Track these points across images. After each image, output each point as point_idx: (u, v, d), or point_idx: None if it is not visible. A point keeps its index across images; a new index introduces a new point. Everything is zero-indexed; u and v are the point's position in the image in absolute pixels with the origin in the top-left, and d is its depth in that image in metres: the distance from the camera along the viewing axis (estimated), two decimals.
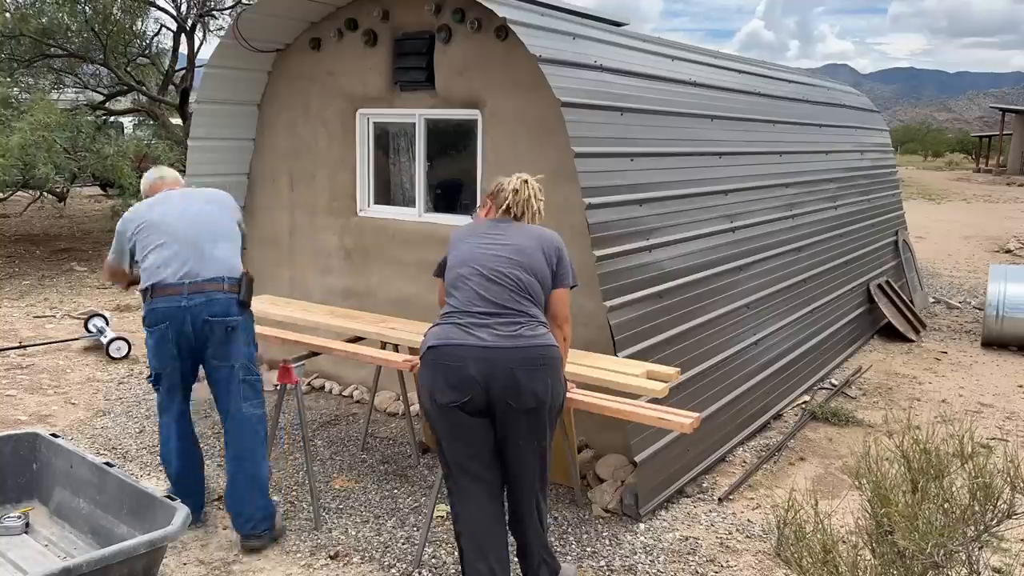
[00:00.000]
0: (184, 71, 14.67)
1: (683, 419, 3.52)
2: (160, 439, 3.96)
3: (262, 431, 3.90)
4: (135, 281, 4.01)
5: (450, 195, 5.65)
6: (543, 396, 3.13)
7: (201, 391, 4.20)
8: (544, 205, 3.54)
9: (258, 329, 4.70)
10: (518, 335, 3.13)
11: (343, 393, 6.07)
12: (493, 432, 3.19)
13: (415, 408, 5.26)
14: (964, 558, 2.42)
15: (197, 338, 3.71)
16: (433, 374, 3.15)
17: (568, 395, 3.52)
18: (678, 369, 4.16)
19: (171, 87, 14.95)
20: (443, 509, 4.29)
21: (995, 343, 7.95)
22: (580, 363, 4.02)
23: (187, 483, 3.96)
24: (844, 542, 2.61)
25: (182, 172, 4.94)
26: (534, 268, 3.28)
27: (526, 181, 3.48)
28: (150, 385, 3.90)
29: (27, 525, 3.63)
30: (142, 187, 4.28)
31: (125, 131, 16.20)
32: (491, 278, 3.23)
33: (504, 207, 3.44)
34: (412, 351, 4.69)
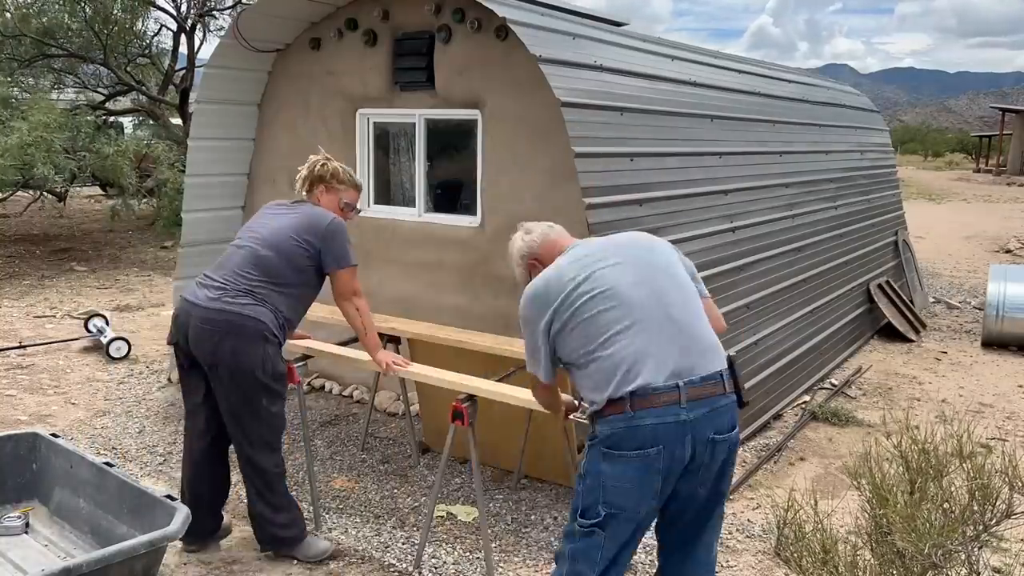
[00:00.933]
0: (184, 71, 14.68)
1: None
2: None
3: None
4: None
5: (450, 195, 5.65)
6: (220, 358, 3.49)
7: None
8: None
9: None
10: (218, 299, 3.51)
11: (343, 393, 6.07)
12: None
13: (415, 408, 5.27)
14: (963, 558, 2.43)
15: (691, 465, 2.51)
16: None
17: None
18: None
19: (171, 87, 14.95)
20: (443, 509, 4.29)
21: (995, 343, 7.95)
22: None
23: None
24: (844, 542, 2.62)
25: (182, 172, 4.93)
26: (280, 247, 3.60)
27: (326, 159, 3.82)
28: (583, 531, 2.55)
29: (27, 525, 3.63)
30: (521, 251, 2.92)
31: (125, 131, 16.21)
32: (238, 247, 3.66)
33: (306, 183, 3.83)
34: (412, 348, 4.70)
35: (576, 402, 3.18)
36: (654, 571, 2.91)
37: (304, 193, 3.84)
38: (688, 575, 2.73)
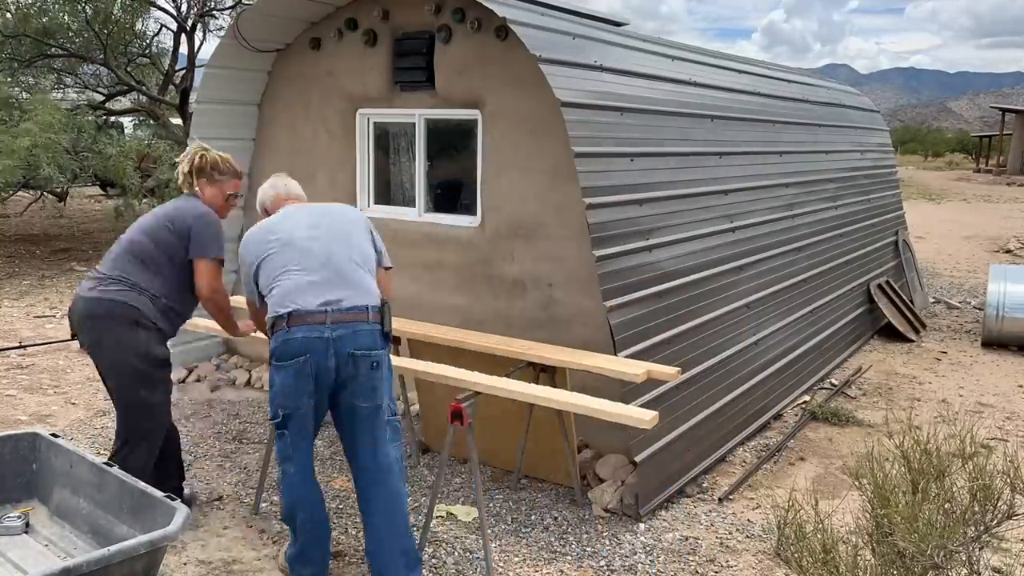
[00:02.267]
0: (184, 71, 14.69)
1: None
2: (283, 493, 3.42)
3: (404, 476, 3.47)
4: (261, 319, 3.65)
5: (450, 195, 5.65)
6: (97, 346, 3.70)
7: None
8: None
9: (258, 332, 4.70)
10: (94, 289, 3.70)
11: None
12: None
13: (415, 408, 5.26)
14: (964, 558, 2.42)
15: (338, 374, 3.26)
16: None
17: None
18: (679, 369, 4.16)
19: (171, 87, 14.96)
20: (443, 509, 4.29)
21: (995, 343, 7.95)
22: (580, 361, 4.06)
23: (317, 542, 3.45)
24: (844, 542, 2.61)
25: None
26: (152, 231, 3.75)
27: (203, 150, 3.89)
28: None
29: (27, 525, 3.62)
30: (261, 199, 3.81)
31: (125, 131, 16.21)
32: (119, 240, 3.81)
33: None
34: (413, 346, 4.70)
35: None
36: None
37: (190, 188, 3.87)
38: (360, 478, 3.38)
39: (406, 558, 3.36)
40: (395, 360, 3.99)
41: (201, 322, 4.97)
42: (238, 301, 4.25)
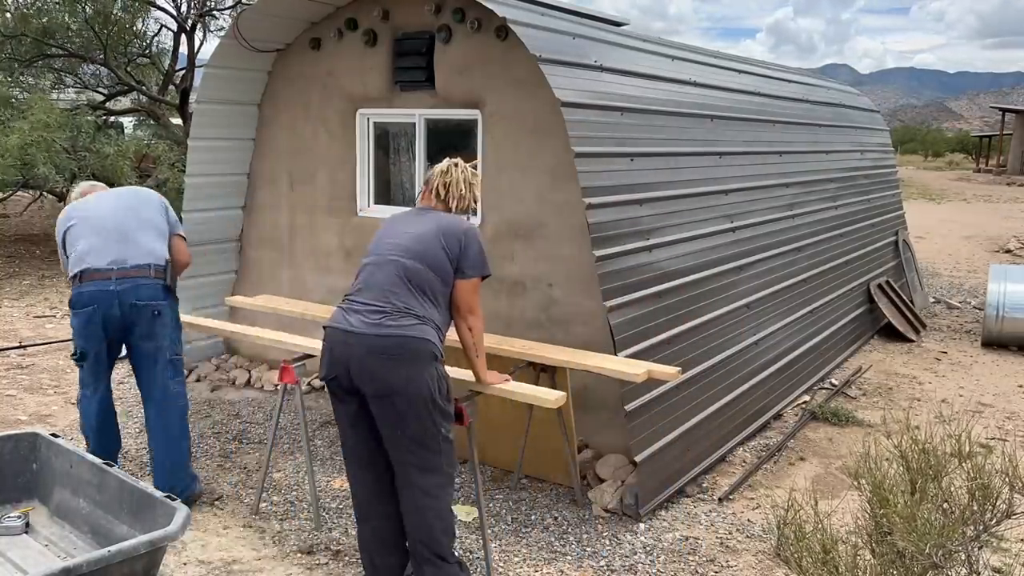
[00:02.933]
0: (184, 71, 14.68)
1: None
2: (81, 411, 4.32)
3: (185, 408, 4.32)
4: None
5: None
6: (395, 385, 3.16)
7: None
8: (477, 194, 3.66)
9: (258, 332, 4.71)
10: (380, 324, 3.20)
11: None
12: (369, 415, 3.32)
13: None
14: (963, 558, 2.42)
15: (124, 321, 4.05)
16: (322, 351, 3.39)
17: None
18: (679, 368, 4.16)
19: (171, 87, 14.95)
20: None
21: (995, 343, 7.95)
22: (580, 360, 4.07)
23: (108, 449, 4.28)
24: (844, 542, 2.61)
25: (182, 172, 4.99)
26: (427, 257, 3.32)
27: (456, 164, 3.57)
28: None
29: (27, 525, 3.63)
30: (73, 195, 4.45)
31: (125, 131, 16.21)
32: (379, 264, 3.36)
33: (432, 191, 3.55)
34: None
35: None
36: None
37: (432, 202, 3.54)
38: (147, 407, 4.29)
39: (183, 456, 4.24)
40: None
41: (202, 322, 4.98)
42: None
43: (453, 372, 3.90)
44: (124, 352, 4.28)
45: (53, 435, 3.86)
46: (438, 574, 3.31)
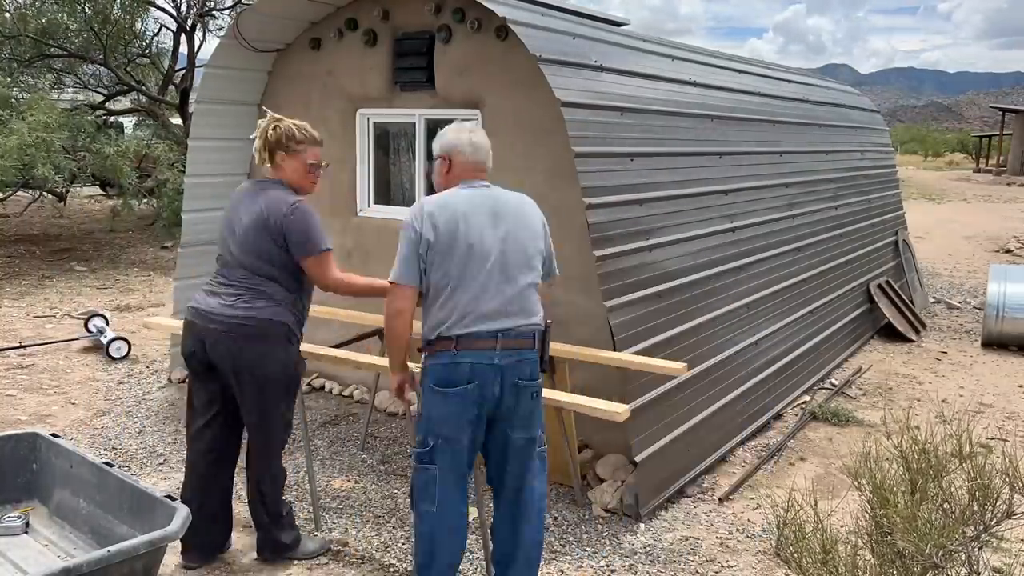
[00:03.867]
0: (184, 71, 14.68)
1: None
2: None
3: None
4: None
5: None
6: (239, 364, 3.40)
7: None
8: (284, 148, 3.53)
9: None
10: (232, 305, 3.41)
11: (343, 393, 6.07)
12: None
13: (415, 408, 5.26)
14: (964, 558, 2.42)
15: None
16: (183, 331, 3.57)
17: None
18: (686, 364, 4.17)
19: (171, 87, 14.96)
20: None
21: (995, 343, 7.95)
22: (596, 356, 4.15)
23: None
24: (844, 542, 2.61)
25: (182, 172, 4.92)
26: (259, 251, 3.46)
27: (279, 120, 3.53)
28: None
29: (27, 525, 3.63)
30: (446, 147, 3.40)
31: (125, 131, 16.21)
32: (229, 249, 3.55)
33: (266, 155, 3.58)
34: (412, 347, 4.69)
35: None
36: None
37: (267, 165, 3.59)
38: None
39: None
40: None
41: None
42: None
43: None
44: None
45: (53, 435, 3.86)
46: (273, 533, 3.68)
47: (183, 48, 14.49)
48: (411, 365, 3.40)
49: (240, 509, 4.06)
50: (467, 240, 3.05)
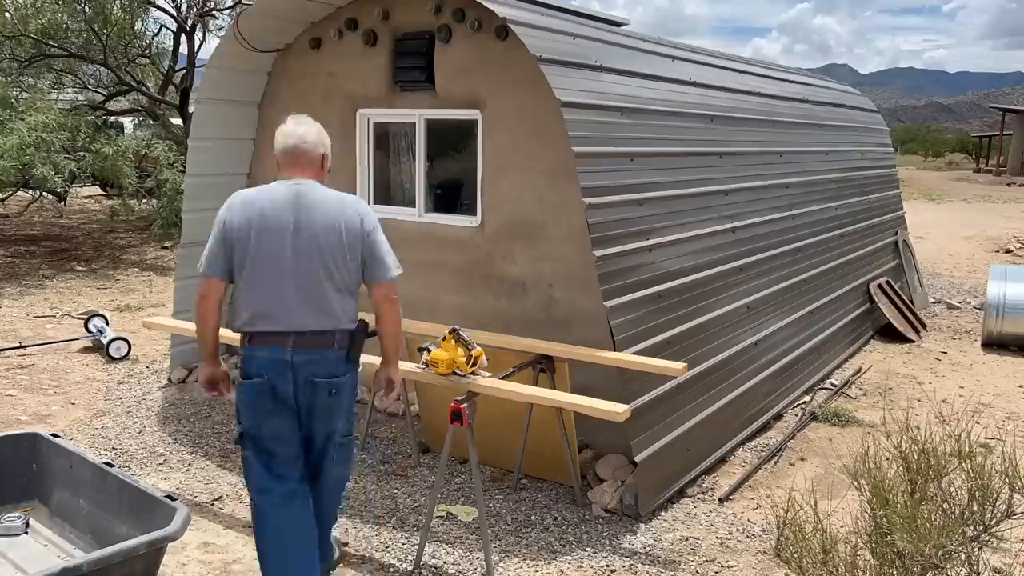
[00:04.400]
0: (184, 71, 14.69)
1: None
2: None
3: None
4: None
5: (450, 195, 5.65)
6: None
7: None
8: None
9: None
10: None
11: None
12: None
13: (415, 408, 5.27)
14: (963, 558, 2.42)
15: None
16: None
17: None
18: (685, 364, 4.17)
19: (171, 87, 14.96)
20: (443, 509, 4.29)
21: (995, 343, 7.95)
22: (596, 356, 4.16)
23: None
24: (844, 542, 2.62)
25: (182, 172, 4.90)
26: None
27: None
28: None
29: (27, 525, 3.63)
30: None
31: (125, 131, 16.21)
32: None
33: None
34: (412, 347, 4.70)
35: None
36: None
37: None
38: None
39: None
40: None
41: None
42: None
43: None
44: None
45: (53, 435, 3.86)
46: None
47: (183, 48, 14.50)
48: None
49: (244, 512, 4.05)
50: (260, 238, 3.08)
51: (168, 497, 3.24)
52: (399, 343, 3.44)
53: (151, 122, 15.15)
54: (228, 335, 3.63)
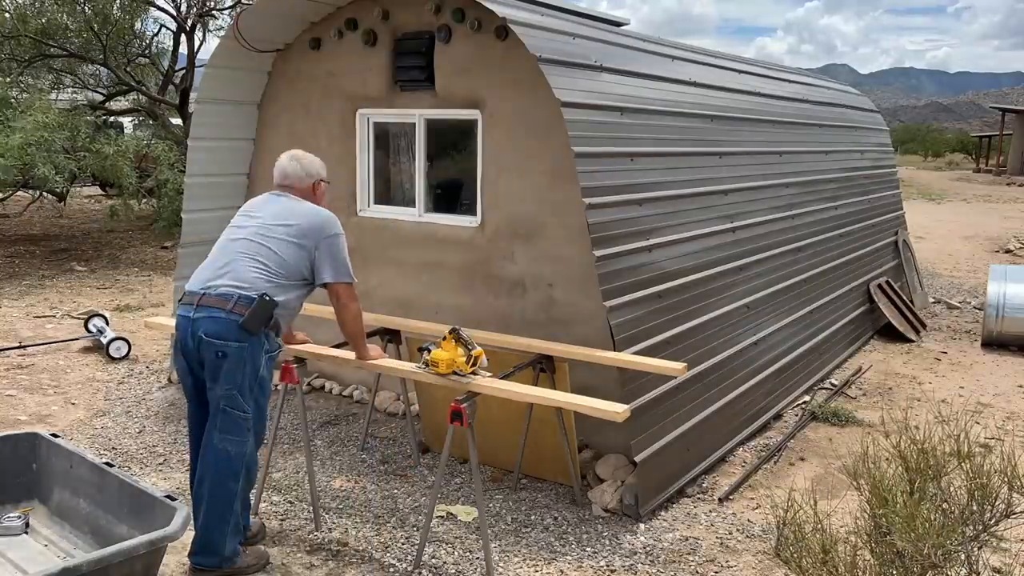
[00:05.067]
0: (184, 71, 14.69)
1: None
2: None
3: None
4: None
5: (450, 195, 5.65)
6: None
7: None
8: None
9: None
10: None
11: (343, 393, 6.07)
12: None
13: (415, 408, 5.27)
14: (963, 558, 2.43)
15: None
16: None
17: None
18: (685, 364, 4.17)
19: (171, 87, 14.96)
20: (443, 509, 4.29)
21: (995, 343, 7.95)
22: (596, 356, 4.16)
23: None
24: (843, 542, 2.62)
25: (182, 172, 4.92)
26: None
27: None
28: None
29: (27, 525, 3.63)
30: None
31: (125, 131, 16.21)
32: None
33: None
34: (412, 346, 4.70)
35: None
36: None
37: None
38: None
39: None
40: (395, 362, 4.00)
41: None
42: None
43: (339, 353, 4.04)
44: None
45: (53, 435, 3.87)
46: None
47: (183, 48, 14.50)
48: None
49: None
50: (229, 228, 3.72)
51: (168, 497, 3.24)
52: (355, 333, 3.85)
53: (151, 122, 15.15)
54: None
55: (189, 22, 14.13)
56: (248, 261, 3.52)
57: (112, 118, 15.09)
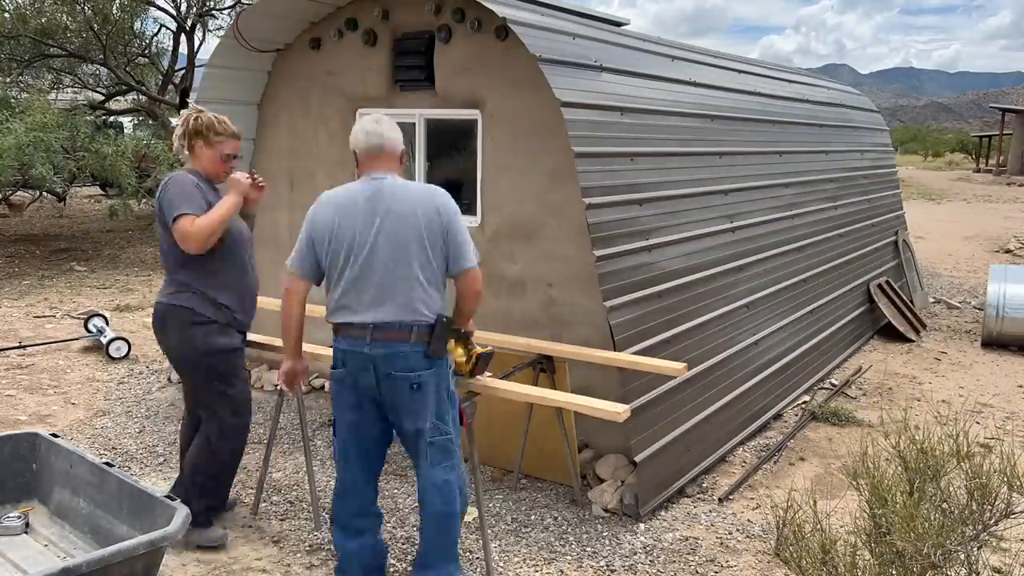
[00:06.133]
0: (184, 71, 14.70)
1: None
2: None
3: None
4: None
5: (450, 195, 5.64)
6: (164, 351, 3.88)
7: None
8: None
9: (253, 336, 4.69)
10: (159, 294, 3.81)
11: None
12: None
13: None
14: (963, 558, 2.43)
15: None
16: None
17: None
18: (685, 364, 4.17)
19: (171, 87, 14.96)
20: None
21: (995, 343, 7.95)
22: (596, 356, 4.15)
23: None
24: (843, 542, 2.62)
25: None
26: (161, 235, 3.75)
27: (198, 112, 3.85)
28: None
29: (27, 525, 3.63)
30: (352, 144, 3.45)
31: (125, 131, 16.22)
32: None
33: None
34: None
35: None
36: None
37: (186, 152, 3.84)
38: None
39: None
40: None
41: None
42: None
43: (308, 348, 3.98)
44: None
45: (53, 435, 3.87)
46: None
47: (183, 48, 14.51)
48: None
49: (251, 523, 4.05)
50: (339, 234, 3.20)
51: (168, 497, 3.24)
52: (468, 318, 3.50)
53: (151, 122, 15.16)
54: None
55: (189, 22, 14.15)
56: (405, 282, 3.15)
57: (112, 118, 15.11)
